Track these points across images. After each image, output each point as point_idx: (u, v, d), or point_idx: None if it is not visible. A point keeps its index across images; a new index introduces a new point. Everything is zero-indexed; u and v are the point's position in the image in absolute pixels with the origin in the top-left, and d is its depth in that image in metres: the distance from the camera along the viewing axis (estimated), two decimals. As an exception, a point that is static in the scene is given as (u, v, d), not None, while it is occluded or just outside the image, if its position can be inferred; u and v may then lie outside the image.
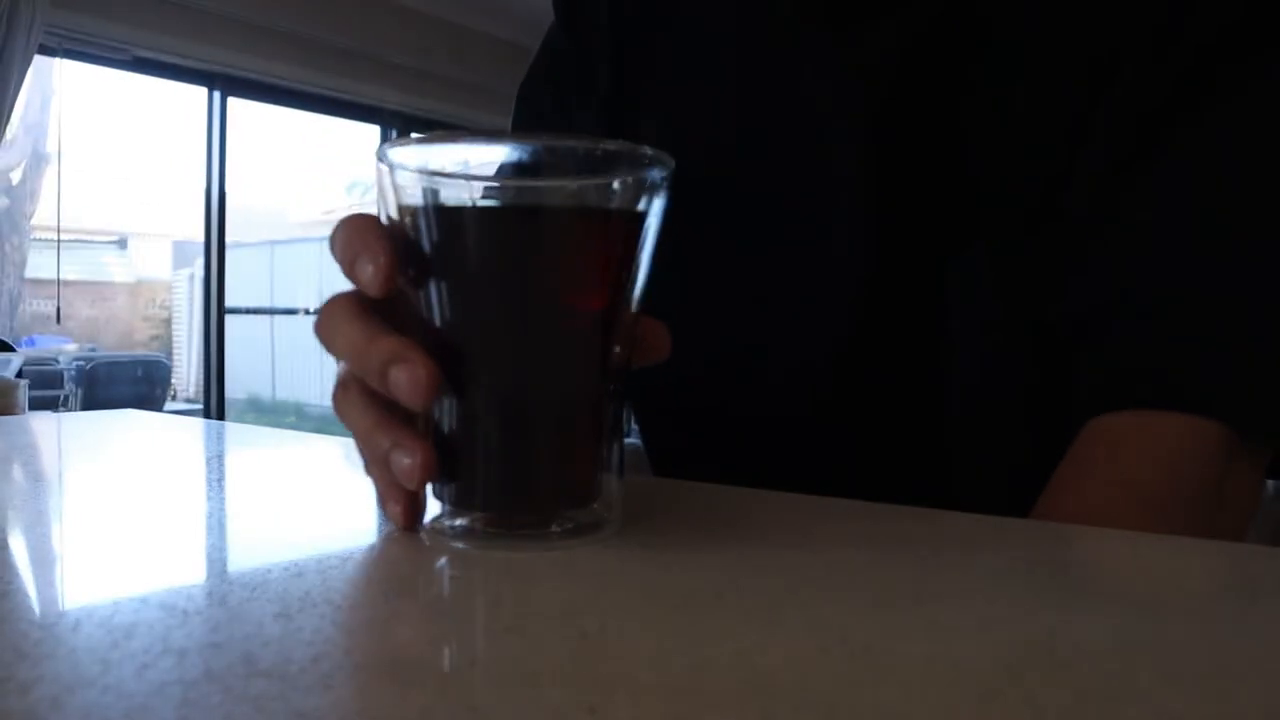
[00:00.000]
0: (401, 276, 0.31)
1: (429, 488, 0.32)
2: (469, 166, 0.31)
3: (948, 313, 0.49)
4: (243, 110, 3.85)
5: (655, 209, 0.32)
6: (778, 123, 0.55)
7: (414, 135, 0.32)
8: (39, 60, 3.15)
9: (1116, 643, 0.23)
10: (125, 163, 4.87)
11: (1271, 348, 0.42)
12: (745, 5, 0.58)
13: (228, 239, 3.86)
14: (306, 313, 4.73)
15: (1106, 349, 0.44)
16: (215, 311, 3.83)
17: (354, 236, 0.32)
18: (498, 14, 3.75)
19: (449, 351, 0.31)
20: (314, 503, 0.42)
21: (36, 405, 3.81)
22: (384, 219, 0.32)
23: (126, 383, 4.53)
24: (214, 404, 3.84)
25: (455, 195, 0.31)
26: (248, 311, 3.96)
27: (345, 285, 0.33)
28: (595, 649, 0.22)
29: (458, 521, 0.32)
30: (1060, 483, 0.44)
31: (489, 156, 0.31)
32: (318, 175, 5.28)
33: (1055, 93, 0.48)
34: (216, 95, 3.71)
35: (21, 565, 0.30)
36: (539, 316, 0.32)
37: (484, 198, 0.31)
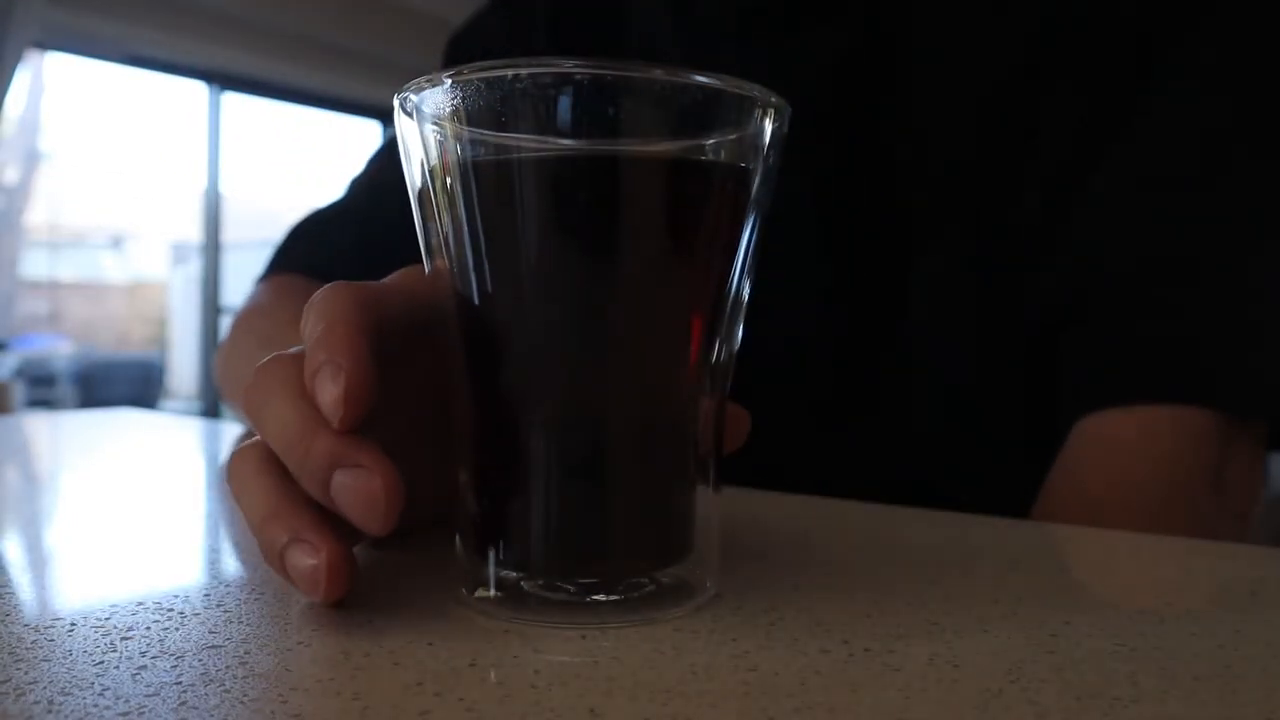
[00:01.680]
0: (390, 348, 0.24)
1: (468, 543, 0.26)
2: (515, 109, 0.23)
3: (914, 326, 0.49)
4: (241, 108, 3.85)
5: (766, 168, 0.26)
6: None
7: (441, 72, 0.24)
8: (35, 58, 3.15)
9: (1117, 643, 0.23)
10: (122, 162, 4.86)
11: (1251, 326, 0.42)
12: (683, 17, 0.58)
13: (226, 238, 3.85)
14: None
15: (1087, 346, 0.44)
16: (212, 311, 3.83)
17: (325, 332, 0.24)
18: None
19: (498, 356, 0.25)
20: (311, 503, 0.42)
21: (32, 404, 3.81)
22: (411, 186, 0.26)
23: (123, 382, 4.53)
24: (210, 403, 3.84)
25: (509, 147, 0.24)
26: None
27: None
28: (595, 649, 0.22)
29: (506, 588, 0.25)
30: (1056, 487, 0.44)
31: (542, 94, 0.23)
32: (317, 174, 5.27)
33: (994, 92, 0.48)
34: (215, 92, 3.70)
35: (16, 567, 0.30)
36: (624, 302, 0.24)
37: (552, 149, 0.24)
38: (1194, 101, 0.44)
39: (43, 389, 4.11)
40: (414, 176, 0.26)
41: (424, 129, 0.25)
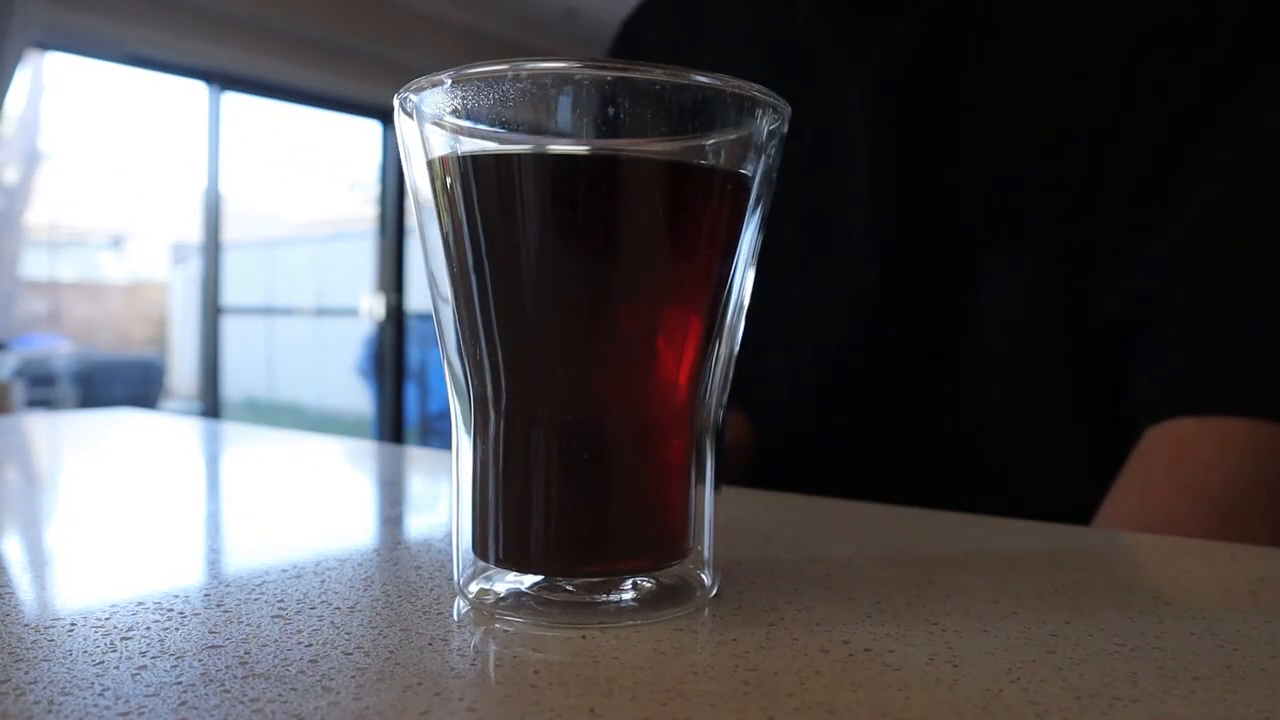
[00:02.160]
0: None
1: (468, 542, 0.26)
2: (515, 108, 0.24)
3: (978, 311, 0.49)
4: (241, 108, 3.84)
5: (766, 167, 0.26)
6: (795, 123, 0.56)
7: (444, 72, 0.24)
8: (35, 58, 3.14)
9: (1117, 643, 0.23)
10: (122, 162, 4.86)
11: None
12: (761, 12, 0.58)
13: (226, 238, 3.85)
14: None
15: (1164, 353, 0.43)
16: (212, 311, 3.83)
17: None
18: (500, 11, 3.75)
19: (498, 356, 0.25)
20: (311, 503, 0.42)
21: (32, 404, 3.81)
22: (411, 186, 0.26)
23: (123, 382, 4.53)
24: (210, 404, 3.84)
25: (504, 145, 0.24)
26: (245, 311, 3.95)
27: (341, 286, 0.29)
28: (595, 649, 0.22)
29: (506, 587, 0.26)
30: (1124, 493, 0.43)
31: (542, 94, 0.23)
32: (316, 174, 5.27)
33: (1077, 94, 0.47)
34: (215, 92, 3.70)
35: (16, 567, 0.30)
36: (619, 301, 0.25)
37: (551, 149, 0.24)
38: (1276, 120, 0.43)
39: (43, 389, 4.11)
40: (414, 177, 0.26)
41: (424, 129, 0.25)
